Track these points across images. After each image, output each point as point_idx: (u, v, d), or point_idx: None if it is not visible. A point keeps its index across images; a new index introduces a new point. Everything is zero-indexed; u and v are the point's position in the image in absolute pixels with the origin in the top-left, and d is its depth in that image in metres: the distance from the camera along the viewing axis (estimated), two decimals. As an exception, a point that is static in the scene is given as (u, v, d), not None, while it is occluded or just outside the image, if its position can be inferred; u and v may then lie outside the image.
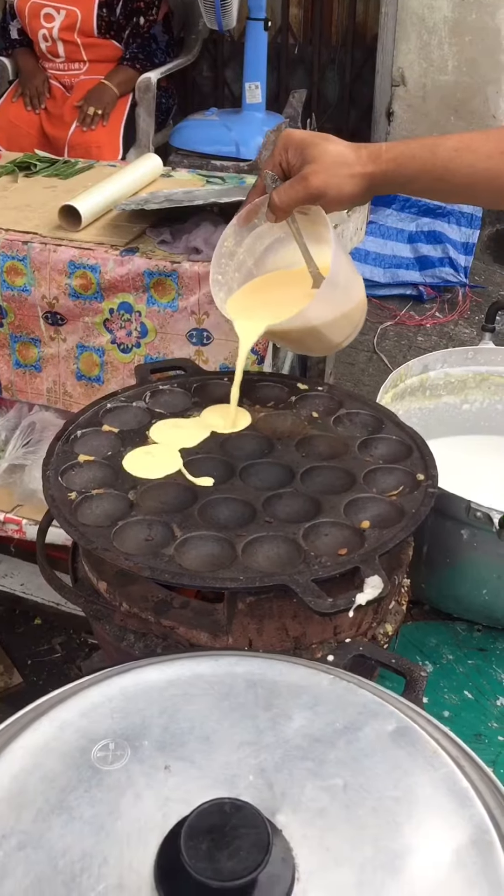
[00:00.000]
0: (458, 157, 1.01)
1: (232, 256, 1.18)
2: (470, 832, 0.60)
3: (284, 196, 1.07)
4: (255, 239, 1.19)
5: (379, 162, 1.04)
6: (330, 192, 1.05)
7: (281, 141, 1.09)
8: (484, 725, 1.18)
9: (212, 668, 0.73)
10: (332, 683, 0.72)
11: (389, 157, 1.04)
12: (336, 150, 1.05)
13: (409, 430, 1.15)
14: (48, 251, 1.75)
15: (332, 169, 1.04)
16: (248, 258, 1.20)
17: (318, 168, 1.04)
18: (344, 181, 1.04)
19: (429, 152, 1.03)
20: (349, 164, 1.04)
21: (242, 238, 1.18)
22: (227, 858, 0.55)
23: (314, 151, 1.05)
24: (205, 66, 4.50)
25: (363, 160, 1.04)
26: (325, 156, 1.05)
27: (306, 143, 1.06)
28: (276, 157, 1.09)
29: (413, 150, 1.04)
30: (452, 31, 3.75)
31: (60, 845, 0.59)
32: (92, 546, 0.94)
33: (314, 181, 1.05)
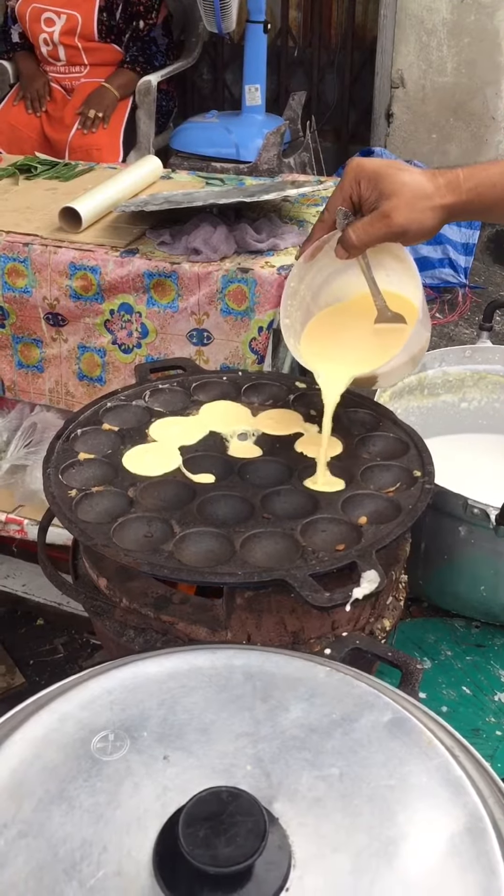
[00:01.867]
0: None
1: (295, 296, 1.14)
2: (464, 820, 0.61)
3: (364, 235, 1.00)
4: (315, 274, 1.14)
5: (459, 192, 0.98)
6: (412, 228, 0.99)
7: (351, 172, 1.01)
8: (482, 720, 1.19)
9: (210, 661, 0.74)
10: (328, 675, 0.73)
11: (469, 187, 0.98)
12: (413, 181, 0.98)
13: (406, 428, 1.16)
14: (49, 253, 1.76)
15: (413, 203, 0.98)
16: (308, 293, 1.15)
17: (399, 203, 0.98)
18: (425, 216, 0.98)
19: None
20: (429, 196, 0.98)
21: (305, 275, 1.13)
22: (225, 845, 0.56)
23: (391, 184, 0.98)
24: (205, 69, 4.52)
25: (442, 191, 0.98)
26: (403, 189, 0.98)
27: (380, 175, 0.99)
28: (347, 190, 1.02)
29: (493, 177, 0.98)
30: (451, 32, 3.77)
31: (61, 834, 0.60)
32: (92, 542, 0.95)
33: (398, 219, 0.98)
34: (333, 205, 1.04)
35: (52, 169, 2.18)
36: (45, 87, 3.46)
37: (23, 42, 3.51)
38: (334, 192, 1.04)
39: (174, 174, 2.18)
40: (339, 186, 1.03)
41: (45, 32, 3.35)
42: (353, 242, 1.01)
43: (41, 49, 3.41)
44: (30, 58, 3.50)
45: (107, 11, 3.32)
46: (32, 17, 3.35)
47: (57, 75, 3.47)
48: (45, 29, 3.35)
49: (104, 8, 3.30)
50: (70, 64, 3.43)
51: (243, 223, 1.74)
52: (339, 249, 1.04)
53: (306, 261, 1.11)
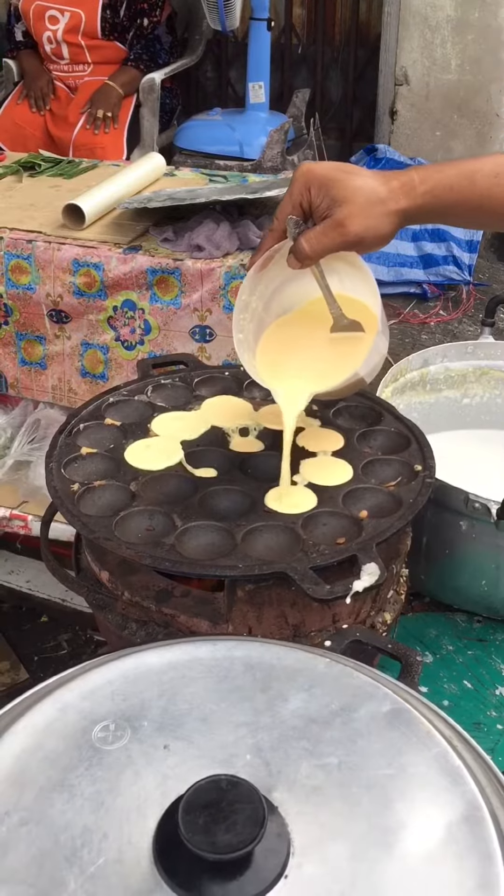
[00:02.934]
0: (497, 185, 0.92)
1: (247, 308, 1.08)
2: (462, 808, 0.62)
3: (317, 244, 0.95)
4: (267, 283, 1.09)
5: (414, 196, 0.93)
6: (368, 236, 0.94)
7: (300, 178, 0.95)
8: (483, 714, 1.19)
9: (210, 652, 0.75)
10: (328, 667, 0.74)
11: (425, 190, 0.93)
12: (367, 186, 0.93)
13: (407, 422, 1.16)
14: (52, 250, 1.77)
15: (367, 209, 0.92)
16: (259, 303, 1.09)
17: (352, 210, 0.92)
18: (381, 222, 0.93)
19: (467, 181, 0.93)
20: (383, 201, 0.93)
21: (255, 286, 1.08)
22: (224, 832, 0.57)
23: (343, 190, 0.93)
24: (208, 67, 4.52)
25: (396, 195, 0.93)
26: (356, 195, 0.92)
27: (332, 180, 0.93)
28: (297, 197, 0.95)
29: (450, 179, 0.93)
30: (455, 29, 3.76)
31: (62, 821, 0.61)
32: (94, 536, 0.95)
33: (352, 227, 0.93)
34: (283, 213, 0.97)
35: (56, 166, 2.19)
36: (48, 85, 3.47)
37: (27, 40, 3.52)
38: (283, 199, 0.98)
39: (177, 171, 2.19)
40: (288, 193, 0.97)
41: (49, 30, 3.36)
42: (306, 253, 0.96)
43: (44, 47, 3.42)
44: (33, 56, 3.51)
45: (110, 9, 3.32)
46: (36, 14, 3.36)
47: (60, 74, 3.48)
48: (48, 27, 3.36)
49: (108, 5, 3.31)
50: (73, 62, 3.44)
51: (246, 220, 1.75)
52: (292, 259, 0.98)
53: (257, 272, 1.05)
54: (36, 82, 3.45)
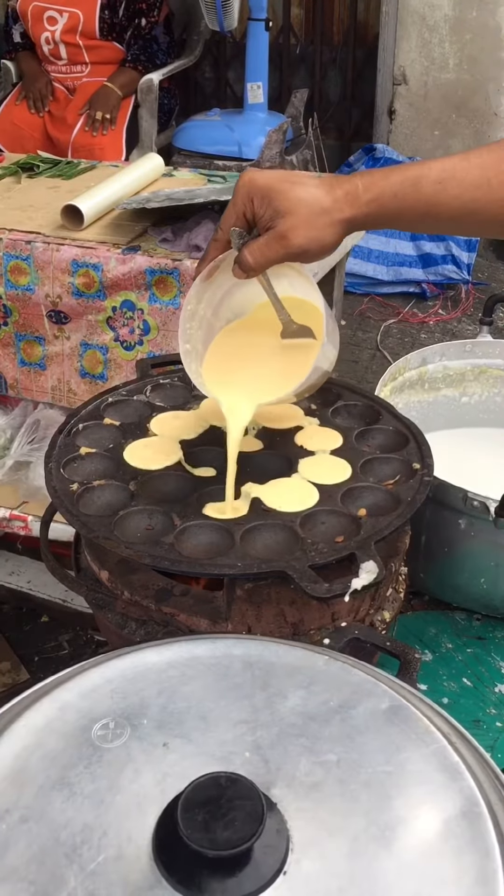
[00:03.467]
0: (443, 191, 0.90)
1: (194, 317, 1.07)
2: (460, 804, 0.62)
3: (260, 257, 0.94)
4: (215, 290, 1.07)
5: (358, 205, 0.92)
6: (312, 247, 0.93)
7: (243, 188, 0.94)
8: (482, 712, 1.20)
9: (209, 650, 0.75)
10: (326, 664, 0.74)
11: (370, 198, 0.92)
12: (310, 196, 0.92)
13: (405, 421, 1.17)
14: (51, 250, 1.77)
15: (310, 221, 0.91)
16: (207, 311, 1.08)
17: (295, 222, 0.91)
18: (324, 233, 0.92)
19: (411, 188, 0.91)
20: (327, 211, 0.91)
21: (202, 295, 1.06)
22: (223, 829, 0.57)
23: (285, 201, 0.91)
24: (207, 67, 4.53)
25: (340, 204, 0.92)
26: (299, 206, 0.91)
27: (274, 191, 0.92)
28: (240, 208, 0.95)
29: (394, 186, 0.91)
30: (453, 29, 3.77)
31: (62, 819, 0.61)
32: (93, 535, 0.96)
33: (295, 240, 0.92)
34: (227, 223, 0.97)
35: (55, 167, 2.19)
36: (47, 87, 3.47)
37: (24, 41, 3.52)
38: (227, 209, 0.97)
39: (176, 172, 2.19)
40: (231, 203, 0.96)
41: (48, 31, 3.36)
42: (249, 265, 0.95)
43: (42, 48, 3.42)
44: (32, 58, 3.52)
45: (109, 9, 3.32)
46: (34, 15, 3.36)
47: (59, 74, 3.48)
48: (47, 27, 3.36)
49: (106, 5, 3.31)
50: (71, 63, 3.44)
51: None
52: (237, 270, 0.97)
53: (203, 281, 1.04)
54: (34, 84, 3.46)
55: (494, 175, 0.89)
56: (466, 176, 0.90)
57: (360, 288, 3.62)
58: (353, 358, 3.25)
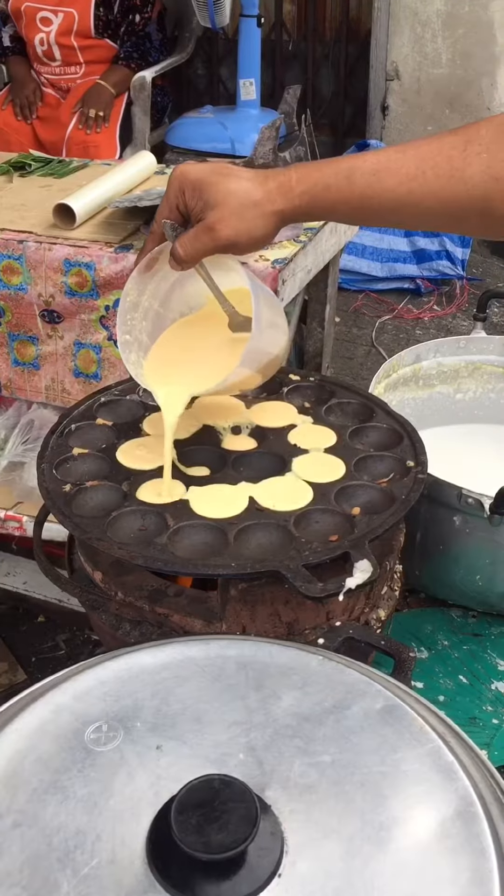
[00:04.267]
0: (376, 183, 0.90)
1: (136, 308, 1.07)
2: (455, 804, 0.62)
3: (190, 248, 0.95)
4: (159, 281, 1.07)
5: (291, 197, 0.92)
6: (241, 239, 0.93)
7: (175, 181, 0.95)
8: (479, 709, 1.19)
9: (203, 652, 0.75)
10: (321, 664, 0.74)
11: (302, 190, 0.92)
12: (240, 188, 0.92)
13: (399, 418, 1.16)
14: (43, 250, 1.76)
15: (240, 212, 0.92)
16: (154, 301, 1.08)
17: (223, 214, 0.92)
18: (254, 225, 0.92)
19: (345, 179, 0.90)
20: (257, 203, 0.92)
21: (145, 286, 1.07)
22: (217, 832, 0.57)
23: (216, 193, 0.92)
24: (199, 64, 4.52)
25: (272, 196, 0.92)
26: (229, 198, 0.92)
27: (205, 184, 0.93)
28: (173, 200, 0.96)
29: (327, 178, 0.91)
30: (446, 24, 3.76)
31: (55, 823, 0.61)
32: (86, 536, 0.95)
33: (223, 231, 0.92)
34: (161, 216, 0.98)
35: (47, 166, 2.18)
36: (35, 93, 3.44)
37: (14, 45, 3.49)
38: (162, 202, 0.98)
39: (169, 169, 2.18)
40: (165, 196, 0.97)
41: (42, 32, 3.33)
42: (181, 256, 0.96)
43: (36, 49, 3.39)
44: (21, 63, 3.48)
45: (103, 6, 3.30)
46: (28, 17, 3.33)
47: (52, 76, 3.45)
48: (41, 28, 3.33)
49: (100, 3, 3.29)
50: (65, 64, 3.41)
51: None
52: (172, 262, 0.98)
53: (140, 273, 1.04)
54: (22, 90, 3.43)
55: (430, 167, 0.87)
56: (401, 168, 0.89)
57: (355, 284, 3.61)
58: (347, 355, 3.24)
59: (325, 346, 2.13)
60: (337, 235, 1.85)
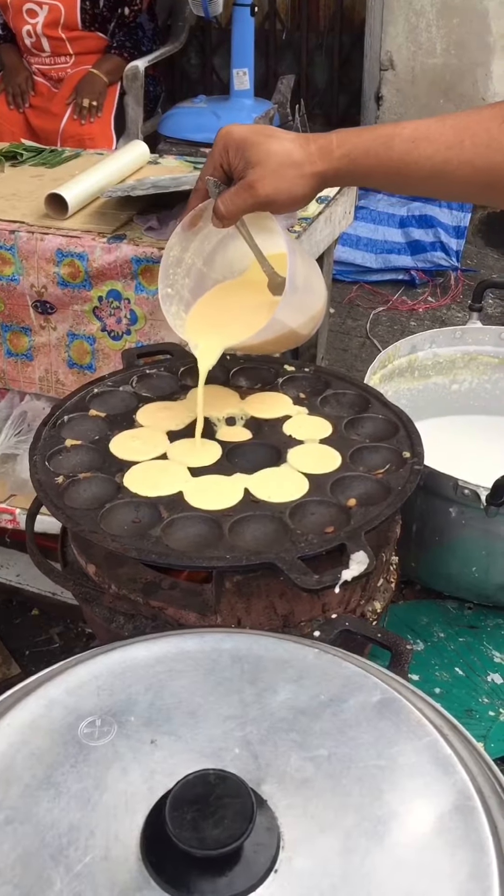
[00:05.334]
0: (415, 150, 0.92)
1: (180, 264, 1.11)
2: (453, 798, 0.61)
3: (230, 205, 0.98)
4: (202, 240, 1.11)
5: (330, 159, 0.95)
6: (280, 197, 0.96)
7: (220, 140, 0.99)
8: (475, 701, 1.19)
9: (198, 645, 0.74)
10: (317, 657, 0.73)
11: (342, 153, 0.94)
12: (282, 148, 0.95)
13: (395, 409, 1.15)
14: (35, 240, 1.75)
15: (280, 171, 0.95)
16: (197, 260, 1.11)
17: (264, 172, 0.95)
18: (293, 184, 0.96)
19: (383, 146, 0.93)
20: (298, 163, 0.95)
21: (188, 243, 1.10)
22: (212, 828, 0.56)
23: (257, 152, 0.95)
24: (192, 54, 4.49)
25: (313, 158, 0.95)
26: (270, 157, 0.95)
27: (248, 143, 0.96)
28: (217, 159, 0.99)
29: (367, 143, 0.94)
30: (440, 13, 3.74)
31: (48, 819, 0.60)
32: (79, 528, 0.94)
33: (262, 189, 0.96)
34: (205, 174, 1.01)
35: (39, 155, 2.17)
36: (27, 81, 3.41)
37: (5, 34, 3.46)
38: (207, 160, 1.02)
39: (162, 159, 2.16)
40: (209, 155, 1.01)
41: (29, 24, 3.30)
42: (222, 213, 0.99)
43: (24, 41, 3.37)
44: (13, 51, 3.45)
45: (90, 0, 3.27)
46: (14, 8, 3.30)
47: (42, 66, 3.42)
48: (28, 20, 3.29)
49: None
50: (55, 55, 3.39)
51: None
52: (214, 219, 1.01)
53: (185, 229, 1.08)
54: (14, 78, 3.40)
55: (468, 137, 0.90)
56: (440, 136, 0.92)
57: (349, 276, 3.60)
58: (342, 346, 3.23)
59: (320, 338, 2.12)
60: (331, 226, 1.84)
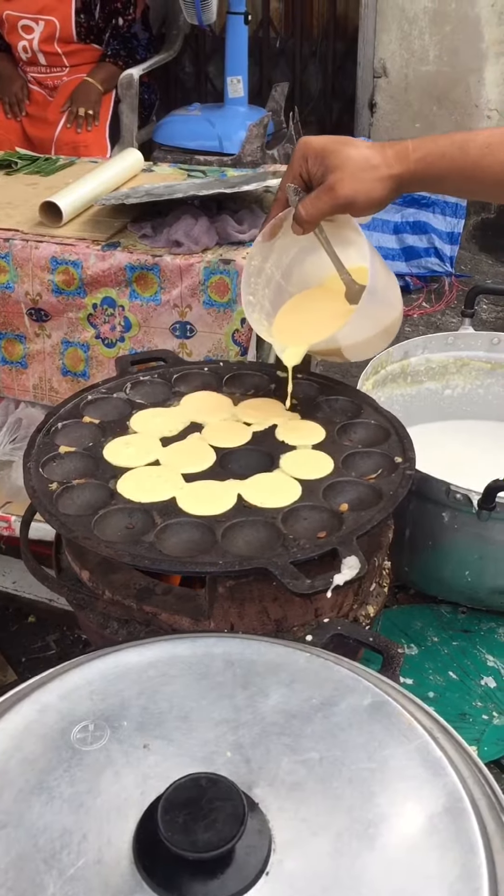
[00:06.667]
0: (489, 154, 0.96)
1: (260, 273, 1.15)
2: (443, 800, 0.62)
3: (312, 209, 1.02)
4: (281, 252, 1.15)
5: (407, 162, 0.99)
6: (359, 199, 1.01)
7: (299, 150, 1.03)
8: (468, 705, 1.19)
9: (190, 650, 0.74)
10: (308, 661, 0.73)
11: (418, 157, 0.99)
12: (359, 154, 1.00)
13: (386, 415, 1.16)
14: (30, 248, 1.75)
15: (358, 174, 0.99)
16: (276, 272, 1.16)
17: (343, 176, 1.00)
18: (372, 186, 1.00)
19: (458, 150, 0.98)
20: (375, 167, 1.00)
21: (268, 253, 1.14)
22: (204, 831, 0.56)
23: (336, 159, 1.00)
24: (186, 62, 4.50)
25: (389, 161, 1.00)
26: (348, 162, 0.99)
27: (327, 151, 1.01)
28: (296, 168, 1.04)
29: (442, 147, 0.99)
30: (433, 20, 3.76)
31: (40, 824, 0.60)
32: (73, 535, 0.94)
33: (342, 190, 1.00)
34: (285, 183, 1.05)
35: (33, 164, 2.17)
36: (22, 90, 3.41)
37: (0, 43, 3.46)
38: (286, 171, 1.05)
39: (156, 167, 2.17)
40: (289, 165, 1.05)
41: (25, 40, 3.30)
42: (303, 217, 1.03)
43: (20, 55, 3.37)
44: (7, 60, 3.46)
45: (84, 13, 3.28)
46: (9, 24, 3.30)
47: (38, 76, 3.43)
48: (24, 36, 3.30)
49: (81, 9, 3.26)
50: (51, 66, 3.39)
51: (224, 215, 1.74)
52: (294, 226, 1.05)
53: (265, 239, 1.11)
54: (10, 87, 3.40)
55: None
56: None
57: (344, 281, 3.60)
58: (337, 352, 3.23)
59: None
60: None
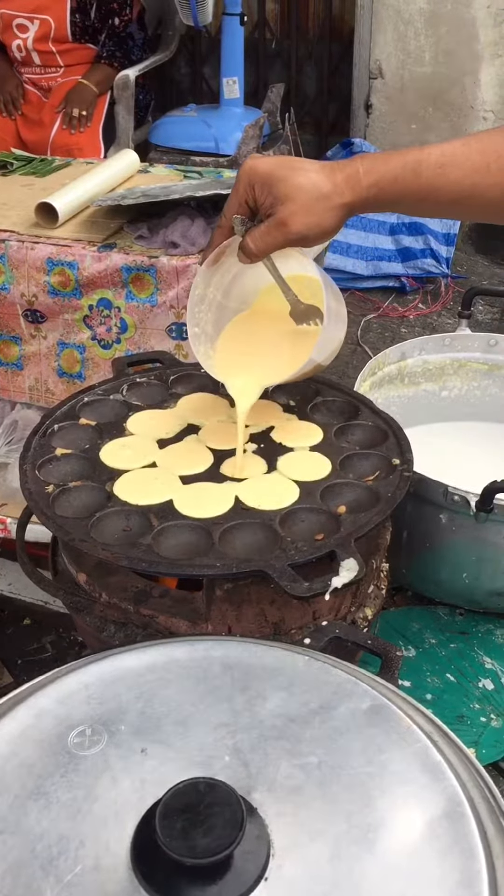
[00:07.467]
0: (442, 175, 0.92)
1: (203, 301, 1.11)
2: (443, 804, 0.61)
3: (261, 243, 0.97)
4: (223, 274, 1.11)
5: (359, 189, 0.94)
6: (311, 233, 0.95)
7: (244, 176, 0.97)
8: (466, 707, 1.19)
9: (188, 653, 0.74)
10: (307, 665, 0.73)
11: (370, 182, 0.94)
12: (309, 182, 0.93)
13: (384, 416, 1.16)
14: (26, 249, 1.75)
15: (309, 206, 0.93)
16: (217, 293, 1.12)
17: (295, 209, 0.93)
18: (323, 218, 0.94)
19: (411, 173, 0.93)
20: (326, 196, 0.93)
21: (210, 278, 1.10)
22: (202, 836, 0.56)
23: (285, 188, 0.93)
24: (182, 63, 4.50)
25: (340, 189, 0.94)
26: (298, 193, 0.93)
27: (274, 178, 0.94)
28: (242, 195, 0.97)
29: (394, 171, 0.93)
30: (429, 22, 3.76)
31: (38, 830, 0.60)
32: (69, 538, 0.94)
33: (294, 227, 0.94)
34: (230, 211, 0.99)
35: (29, 165, 2.17)
36: (17, 89, 3.41)
37: None
38: (230, 196, 0.99)
39: (152, 168, 2.17)
40: (233, 190, 0.98)
41: (19, 39, 3.30)
42: (252, 251, 0.98)
43: (14, 55, 3.37)
44: (2, 59, 3.46)
45: (80, 12, 3.27)
46: (4, 23, 3.30)
47: (33, 76, 3.43)
48: (18, 35, 3.29)
49: (76, 9, 3.26)
50: (45, 66, 3.39)
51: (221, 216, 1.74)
52: (241, 256, 1.00)
53: (209, 266, 1.07)
54: (4, 86, 3.40)
55: (494, 160, 0.91)
56: (466, 161, 0.92)
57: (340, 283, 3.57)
58: (333, 353, 3.23)
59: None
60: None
